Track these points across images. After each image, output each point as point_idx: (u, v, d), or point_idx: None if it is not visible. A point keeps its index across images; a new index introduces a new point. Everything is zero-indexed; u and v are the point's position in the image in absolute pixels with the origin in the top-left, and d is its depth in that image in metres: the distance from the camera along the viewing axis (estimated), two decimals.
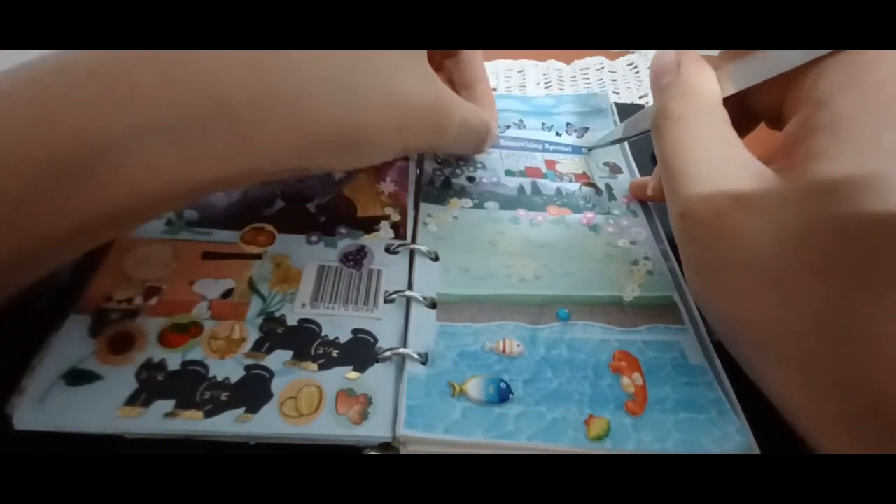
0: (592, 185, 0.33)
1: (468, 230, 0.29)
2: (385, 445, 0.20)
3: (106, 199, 0.17)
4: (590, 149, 0.36)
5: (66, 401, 0.19)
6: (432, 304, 0.25)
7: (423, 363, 0.22)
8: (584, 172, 0.34)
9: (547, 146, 0.36)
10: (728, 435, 0.21)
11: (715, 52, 0.26)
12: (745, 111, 0.25)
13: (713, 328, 0.24)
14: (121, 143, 0.16)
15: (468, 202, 0.31)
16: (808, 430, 0.20)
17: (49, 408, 0.19)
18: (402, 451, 0.20)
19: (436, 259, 0.27)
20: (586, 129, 0.37)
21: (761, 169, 0.21)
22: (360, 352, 0.22)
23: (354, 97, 0.20)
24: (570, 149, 0.36)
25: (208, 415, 0.20)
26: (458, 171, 0.33)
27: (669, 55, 0.26)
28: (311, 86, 0.19)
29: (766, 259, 0.20)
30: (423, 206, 0.30)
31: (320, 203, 0.29)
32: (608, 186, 0.33)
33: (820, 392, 0.19)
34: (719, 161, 0.22)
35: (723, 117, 0.23)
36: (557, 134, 0.37)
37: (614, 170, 0.34)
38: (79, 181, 0.16)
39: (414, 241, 0.28)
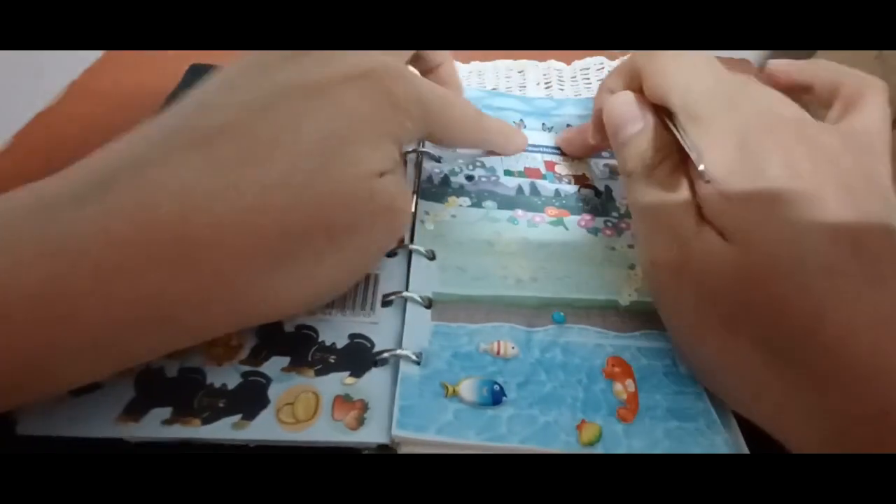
0: (591, 187, 0.33)
1: (466, 229, 0.29)
2: (383, 448, 0.20)
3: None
4: None
5: (67, 408, 0.19)
6: (428, 303, 0.25)
7: (418, 363, 0.22)
8: (583, 174, 0.34)
9: (544, 149, 0.35)
10: (715, 445, 0.21)
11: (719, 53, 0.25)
12: None
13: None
14: (63, 359, 0.17)
15: (466, 201, 0.31)
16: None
17: (50, 415, 0.19)
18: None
19: (432, 258, 0.27)
20: None
21: None
22: (357, 357, 0.23)
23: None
24: None
25: (206, 422, 0.20)
26: (456, 170, 0.33)
27: (629, 103, 0.25)
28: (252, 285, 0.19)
29: (701, 311, 0.21)
30: (420, 203, 0.30)
31: None
32: (607, 188, 0.33)
33: (791, 424, 0.20)
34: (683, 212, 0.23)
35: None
36: (557, 135, 0.37)
37: (615, 171, 0.34)
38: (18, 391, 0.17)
39: (412, 240, 0.28)
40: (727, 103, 0.22)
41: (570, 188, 0.32)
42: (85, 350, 0.17)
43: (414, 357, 0.23)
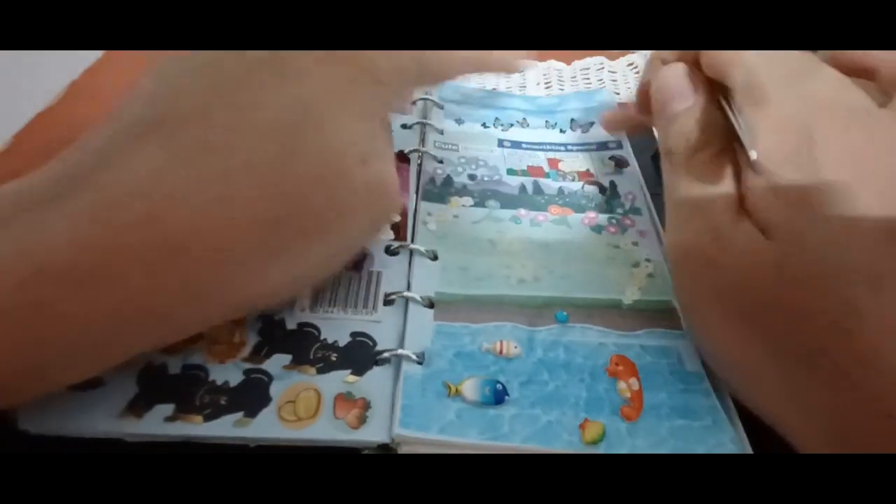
0: (596, 182, 0.33)
1: (468, 229, 0.29)
2: (384, 447, 0.20)
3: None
4: None
5: (69, 404, 0.19)
6: (430, 304, 0.25)
7: (420, 363, 0.22)
8: (587, 170, 0.33)
9: (547, 147, 0.35)
10: (722, 444, 0.21)
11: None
12: None
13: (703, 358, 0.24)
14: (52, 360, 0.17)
15: (469, 200, 0.30)
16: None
17: (52, 411, 0.19)
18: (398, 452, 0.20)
19: (435, 258, 0.27)
20: (591, 124, 0.37)
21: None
22: (359, 355, 0.23)
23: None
24: (576, 147, 0.35)
25: (207, 419, 0.20)
26: (459, 170, 0.32)
27: (681, 76, 0.24)
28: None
29: (722, 302, 0.21)
30: (423, 204, 0.30)
31: None
32: (612, 183, 0.32)
33: (797, 421, 0.20)
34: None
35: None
36: (562, 131, 0.36)
37: (620, 164, 0.34)
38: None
39: (413, 240, 0.28)
40: (793, 86, 0.21)
41: (574, 185, 0.32)
42: (75, 351, 0.17)
43: (415, 357, 0.22)
